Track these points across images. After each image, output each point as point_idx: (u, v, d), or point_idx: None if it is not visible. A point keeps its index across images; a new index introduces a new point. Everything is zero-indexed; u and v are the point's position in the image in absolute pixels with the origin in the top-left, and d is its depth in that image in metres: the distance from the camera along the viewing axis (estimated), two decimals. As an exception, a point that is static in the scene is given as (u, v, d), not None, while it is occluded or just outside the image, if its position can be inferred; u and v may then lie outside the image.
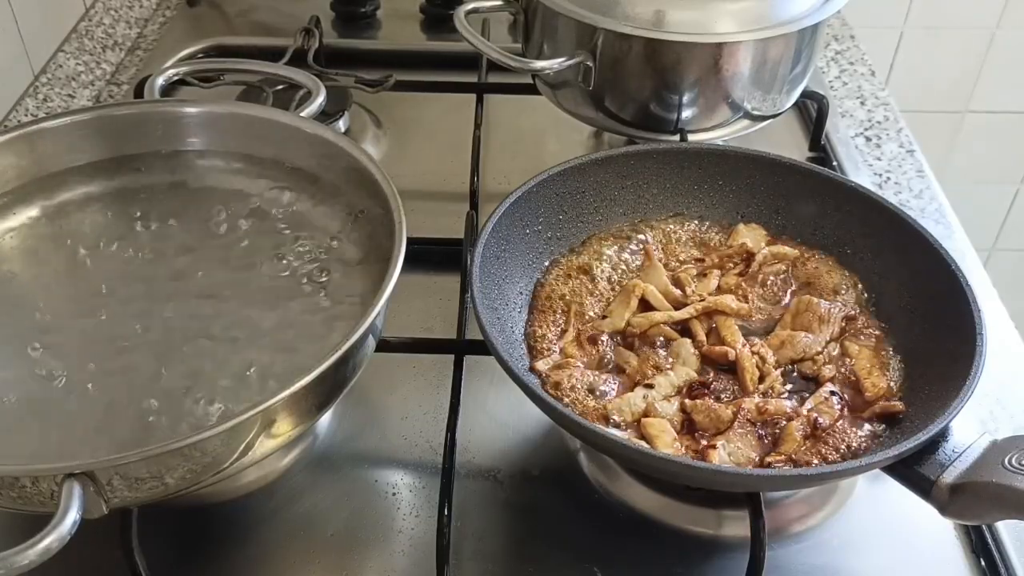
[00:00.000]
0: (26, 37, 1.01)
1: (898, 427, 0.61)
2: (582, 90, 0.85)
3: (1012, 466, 0.52)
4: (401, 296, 0.61)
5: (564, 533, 0.64)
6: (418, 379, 0.73)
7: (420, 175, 0.94)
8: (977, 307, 0.62)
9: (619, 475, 0.66)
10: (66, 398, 0.60)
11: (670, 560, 0.62)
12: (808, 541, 0.63)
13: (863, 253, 0.72)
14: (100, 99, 1.05)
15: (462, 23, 0.84)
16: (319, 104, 0.78)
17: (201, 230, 0.73)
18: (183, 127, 0.77)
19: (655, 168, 0.76)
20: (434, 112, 1.02)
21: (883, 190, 0.94)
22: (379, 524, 0.64)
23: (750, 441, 0.61)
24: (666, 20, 0.81)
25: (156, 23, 1.19)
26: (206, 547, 0.63)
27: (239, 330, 0.64)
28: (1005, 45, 1.63)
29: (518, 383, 0.59)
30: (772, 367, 0.65)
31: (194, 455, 0.52)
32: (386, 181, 0.68)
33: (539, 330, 0.68)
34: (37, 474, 0.50)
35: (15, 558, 0.46)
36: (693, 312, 0.68)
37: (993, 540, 0.62)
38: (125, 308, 0.66)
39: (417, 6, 1.20)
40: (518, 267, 0.71)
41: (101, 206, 0.75)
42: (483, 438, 0.69)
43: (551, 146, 0.98)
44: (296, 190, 0.75)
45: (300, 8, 1.14)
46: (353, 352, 0.58)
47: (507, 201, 0.70)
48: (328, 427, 0.70)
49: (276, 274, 0.69)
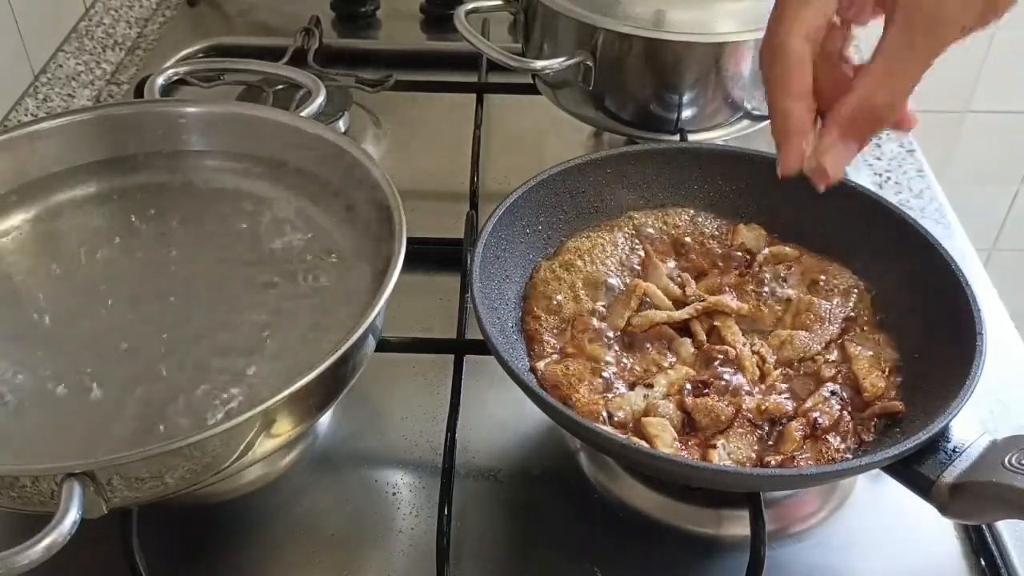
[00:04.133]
0: (26, 37, 1.01)
1: (898, 427, 0.61)
2: (582, 90, 0.85)
3: (1012, 466, 0.52)
4: (401, 296, 0.61)
5: (564, 533, 0.64)
6: (418, 379, 0.73)
7: (420, 175, 0.94)
8: (977, 307, 0.62)
9: (619, 475, 0.66)
10: (66, 398, 0.60)
11: (670, 560, 0.62)
12: (808, 541, 0.63)
13: (863, 253, 0.72)
14: (100, 99, 1.05)
15: (462, 23, 0.84)
16: (319, 104, 0.78)
17: (201, 230, 0.73)
18: (183, 127, 0.77)
19: (655, 168, 0.76)
20: (434, 112, 1.02)
21: (883, 190, 0.94)
22: (379, 524, 0.64)
23: (750, 441, 0.61)
24: (666, 20, 0.81)
25: (156, 23, 1.19)
26: (206, 547, 0.63)
27: (239, 330, 0.64)
28: (1005, 45, 1.63)
29: (518, 383, 0.59)
30: (772, 367, 0.65)
31: (194, 455, 0.52)
32: (386, 181, 0.68)
33: (539, 330, 0.68)
34: (37, 474, 0.50)
35: (15, 558, 0.46)
36: (693, 312, 0.68)
37: (993, 540, 0.62)
38: (125, 308, 0.66)
39: (417, 6, 1.20)
40: (518, 267, 0.71)
41: (101, 206, 0.75)
42: (483, 438, 0.69)
43: (551, 146, 0.98)
44: (296, 190, 0.75)
45: (300, 8, 1.14)
46: (353, 352, 0.58)
47: (507, 201, 0.70)
48: (328, 427, 0.70)
49: (276, 274, 0.69)
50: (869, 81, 0.51)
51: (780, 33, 0.51)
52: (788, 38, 0.50)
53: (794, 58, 0.51)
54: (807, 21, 0.50)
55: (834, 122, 0.52)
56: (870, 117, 0.52)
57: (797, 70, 0.51)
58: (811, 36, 0.51)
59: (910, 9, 0.49)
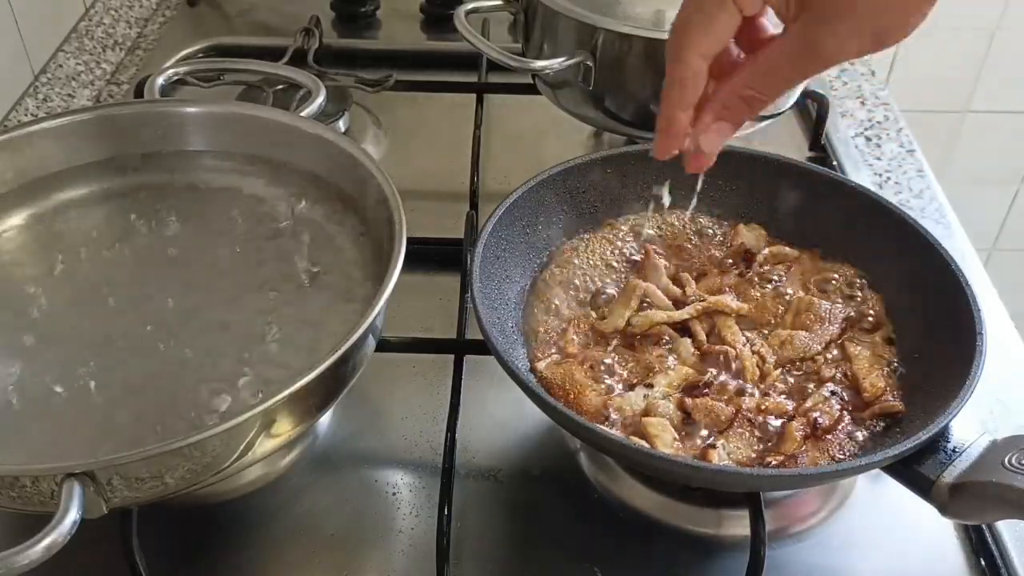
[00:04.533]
0: (26, 37, 1.01)
1: (898, 427, 0.61)
2: (582, 90, 0.85)
3: (1012, 466, 0.52)
4: (401, 296, 0.61)
5: (564, 533, 0.64)
6: (418, 379, 0.73)
7: (420, 175, 0.94)
8: (977, 307, 0.62)
9: (619, 475, 0.66)
10: (66, 398, 0.60)
11: (670, 560, 0.62)
12: (808, 541, 0.63)
13: (863, 253, 0.72)
14: (100, 99, 1.05)
15: (462, 23, 0.84)
16: (319, 104, 0.78)
17: (201, 230, 0.73)
18: (183, 127, 0.77)
19: (655, 168, 0.76)
20: (434, 112, 1.02)
21: (883, 190, 0.94)
22: (379, 524, 0.64)
23: (750, 441, 0.61)
24: (666, 20, 0.81)
25: (156, 23, 1.19)
26: (206, 547, 0.63)
27: (238, 329, 0.65)
28: (1005, 45, 1.63)
29: (518, 383, 0.59)
30: (772, 367, 0.65)
31: (194, 455, 0.52)
32: (386, 181, 0.68)
33: (539, 330, 0.68)
34: (37, 474, 0.50)
35: (15, 558, 0.46)
36: (693, 312, 0.68)
37: (993, 540, 0.62)
38: (125, 308, 0.66)
39: (417, 6, 1.20)
40: (518, 267, 0.71)
41: (101, 206, 0.75)
42: (483, 438, 0.69)
43: (551, 146, 0.98)
44: (296, 190, 0.75)
45: (300, 8, 1.14)
46: (353, 352, 0.58)
47: (507, 201, 0.70)
48: (328, 427, 0.70)
49: (275, 274, 0.69)
50: (748, 75, 0.55)
51: (682, 47, 0.54)
52: (687, 53, 0.54)
53: (690, 73, 0.55)
54: (704, 46, 0.54)
55: (711, 107, 0.56)
56: (743, 106, 0.56)
57: (691, 83, 0.55)
58: (708, 55, 0.54)
59: (808, 30, 0.52)
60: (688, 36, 0.54)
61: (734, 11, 0.53)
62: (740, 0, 0.52)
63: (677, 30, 0.55)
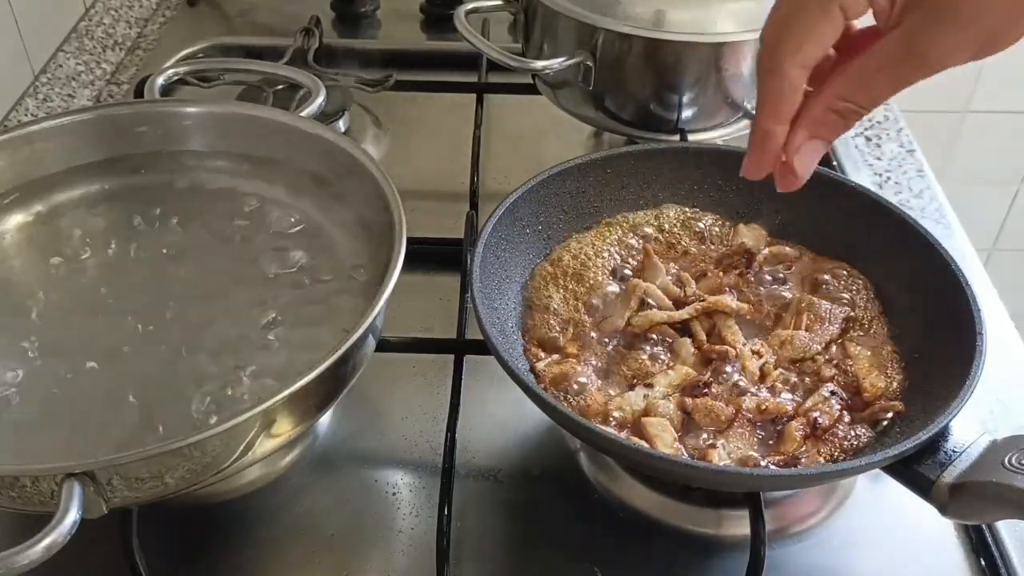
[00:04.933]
0: (26, 37, 1.01)
1: (898, 427, 0.61)
2: (582, 90, 0.85)
3: (1012, 466, 0.52)
4: (401, 296, 0.61)
5: (564, 533, 0.64)
6: (418, 379, 0.73)
7: (420, 175, 0.94)
8: (977, 307, 0.62)
9: (619, 475, 0.66)
10: (66, 398, 0.60)
11: (670, 560, 0.62)
12: (808, 541, 0.63)
13: (863, 253, 0.72)
14: (100, 99, 1.05)
15: (462, 23, 0.84)
16: (319, 104, 0.78)
17: (201, 230, 0.73)
18: (183, 127, 0.77)
19: (655, 168, 0.76)
20: (434, 112, 1.02)
21: (883, 190, 0.94)
22: (379, 524, 0.64)
23: (750, 441, 0.61)
24: (666, 20, 0.81)
25: (156, 23, 1.19)
26: (206, 547, 0.63)
27: (239, 330, 0.65)
28: (1005, 45, 1.63)
29: (518, 383, 0.59)
30: (772, 367, 0.65)
31: (194, 455, 0.52)
32: (386, 181, 0.68)
33: (539, 330, 0.68)
34: (37, 474, 0.50)
35: (15, 558, 0.46)
36: (693, 312, 0.68)
37: (993, 540, 0.62)
38: (125, 308, 0.66)
39: (417, 6, 1.20)
40: (518, 267, 0.71)
41: (101, 206, 0.75)
42: (483, 438, 0.69)
43: (551, 146, 0.98)
44: (296, 190, 0.75)
45: (300, 8, 1.14)
46: (353, 352, 0.58)
47: (507, 201, 0.70)
48: (328, 427, 0.70)
49: (275, 274, 0.69)
50: (843, 85, 0.50)
51: (779, 56, 0.50)
52: (785, 65, 0.50)
53: (788, 85, 0.50)
54: (807, 53, 0.49)
55: (802, 123, 0.52)
56: (838, 120, 0.51)
57: (789, 97, 0.51)
58: (809, 65, 0.50)
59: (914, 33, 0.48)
60: (786, 45, 0.49)
61: (838, 16, 0.48)
62: (846, 4, 0.47)
63: (771, 38, 0.50)
